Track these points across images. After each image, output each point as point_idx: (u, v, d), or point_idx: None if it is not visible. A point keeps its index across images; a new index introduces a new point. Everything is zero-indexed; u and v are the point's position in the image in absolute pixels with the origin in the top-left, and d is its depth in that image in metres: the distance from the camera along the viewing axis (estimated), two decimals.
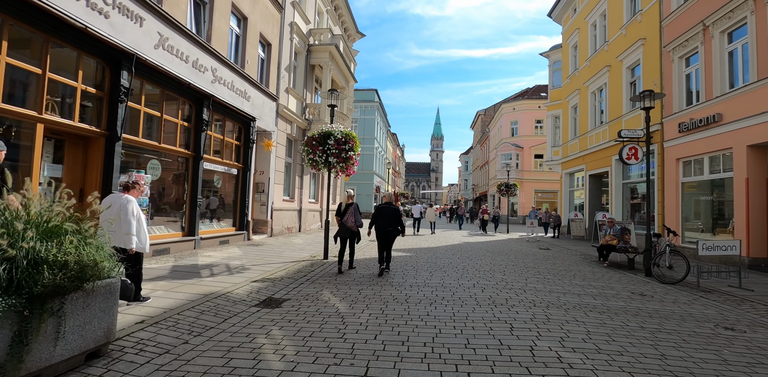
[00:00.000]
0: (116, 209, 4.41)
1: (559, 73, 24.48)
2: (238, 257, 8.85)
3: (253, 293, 5.71)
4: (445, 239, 17.13)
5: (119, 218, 4.38)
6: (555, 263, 10.10)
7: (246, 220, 12.43)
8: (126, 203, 4.51)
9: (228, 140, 11.81)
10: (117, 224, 4.33)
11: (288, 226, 15.99)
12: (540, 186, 38.06)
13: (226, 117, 11.51)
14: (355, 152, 9.26)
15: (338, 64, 19.43)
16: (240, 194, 12.40)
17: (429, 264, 9.13)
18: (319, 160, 9.09)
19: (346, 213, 7.82)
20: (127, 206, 4.50)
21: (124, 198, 4.54)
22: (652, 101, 8.99)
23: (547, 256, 11.82)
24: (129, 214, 4.49)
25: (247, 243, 11.69)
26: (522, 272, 8.33)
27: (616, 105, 16.85)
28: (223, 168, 11.48)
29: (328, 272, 7.68)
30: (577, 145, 20.95)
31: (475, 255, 11.22)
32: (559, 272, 8.58)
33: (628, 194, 16.71)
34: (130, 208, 4.52)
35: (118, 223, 4.34)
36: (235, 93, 11.43)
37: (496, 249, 13.26)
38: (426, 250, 12.26)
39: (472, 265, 9.21)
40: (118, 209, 4.42)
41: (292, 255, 9.73)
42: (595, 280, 7.84)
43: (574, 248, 14.88)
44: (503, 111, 41.53)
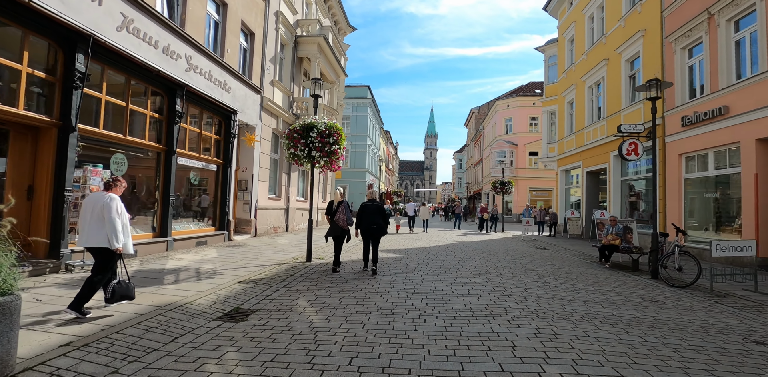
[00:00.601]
0: (99, 207, 4.29)
1: (555, 69, 23.91)
2: (213, 260, 8.13)
3: (218, 303, 5.02)
4: (438, 238, 16.50)
5: (102, 216, 4.25)
6: (554, 265, 9.49)
7: (227, 219, 11.70)
8: (109, 201, 4.33)
9: (206, 133, 11.06)
10: (99, 223, 4.25)
11: (274, 225, 15.26)
12: (535, 184, 37.60)
13: (203, 109, 10.76)
14: (341, 146, 8.57)
15: (327, 57, 18.70)
16: (220, 192, 11.66)
17: (420, 267, 8.48)
18: (301, 154, 8.40)
19: (337, 212, 7.66)
20: (110, 204, 4.32)
21: (107, 196, 4.37)
22: (658, 90, 8.38)
23: (545, 256, 11.22)
24: (113, 212, 4.29)
25: (226, 244, 10.96)
26: (520, 276, 7.70)
27: (614, 99, 16.29)
28: (201, 164, 10.73)
29: (310, 276, 6.99)
30: (573, 141, 20.39)
31: (469, 256, 10.59)
32: (560, 275, 7.96)
33: (627, 191, 16.18)
34: (114, 206, 4.34)
35: (100, 222, 4.25)
36: (214, 84, 10.68)
37: (492, 249, 12.64)
38: (418, 250, 11.60)
39: (466, 267, 8.57)
40: (101, 208, 4.28)
41: (272, 257, 9.03)
42: (599, 284, 7.22)
43: (572, 247, 14.31)
44: (497, 108, 40.98)
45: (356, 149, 42.09)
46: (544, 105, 24.52)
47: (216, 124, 11.62)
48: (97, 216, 4.26)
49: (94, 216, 4.26)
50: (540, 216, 19.23)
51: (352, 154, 42.11)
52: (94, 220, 4.26)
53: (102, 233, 4.22)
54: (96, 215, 4.26)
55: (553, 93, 23.51)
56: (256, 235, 13.55)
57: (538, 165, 38.29)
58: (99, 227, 4.24)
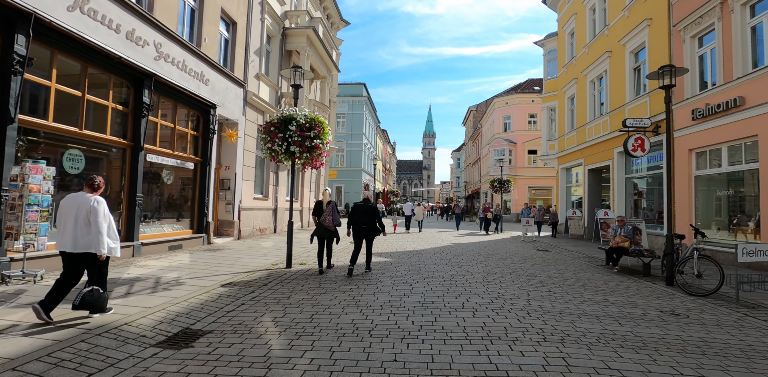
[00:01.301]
0: (85, 211, 4.11)
1: (555, 63, 23.15)
2: (181, 267, 7.33)
3: (164, 322, 4.22)
4: (433, 239, 15.72)
5: (87, 220, 4.11)
6: (558, 269, 8.71)
7: (205, 221, 10.89)
8: (96, 204, 4.17)
9: (181, 129, 10.25)
10: (86, 228, 4.10)
11: (261, 227, 14.46)
12: (534, 183, 36.87)
13: (177, 102, 9.95)
14: (323, 141, 7.77)
15: (318, 51, 17.89)
16: (198, 192, 10.85)
17: (411, 273, 7.68)
18: (279, 150, 7.60)
19: (324, 212, 7.50)
20: (98, 208, 4.16)
21: (92, 199, 4.19)
22: (672, 77, 7.60)
23: (547, 260, 10.45)
24: (100, 216, 4.15)
25: (204, 248, 10.16)
26: (522, 284, 6.91)
27: (618, 93, 15.52)
28: (175, 161, 9.92)
29: (285, 286, 6.20)
30: (574, 138, 19.63)
31: (465, 260, 9.80)
32: (566, 282, 7.19)
33: (632, 189, 15.42)
34: (102, 210, 4.19)
35: (87, 227, 4.10)
36: (189, 75, 9.87)
37: (490, 252, 11.86)
38: (410, 254, 10.81)
39: (461, 273, 7.78)
40: (87, 212, 4.12)
41: (250, 263, 8.23)
42: (610, 293, 6.45)
43: (574, 249, 13.55)
44: (496, 106, 40.22)
45: (352, 147, 41.29)
46: (543, 101, 23.75)
47: (193, 119, 10.81)
48: (83, 220, 4.10)
49: (79, 221, 4.09)
50: (539, 216, 18.39)
51: (348, 153, 41.31)
52: (80, 225, 4.10)
53: (88, 238, 4.09)
54: (82, 220, 4.10)
55: (553, 88, 22.75)
56: (240, 237, 12.75)
57: (537, 164, 37.56)
58: (85, 233, 4.09)
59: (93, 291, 4.08)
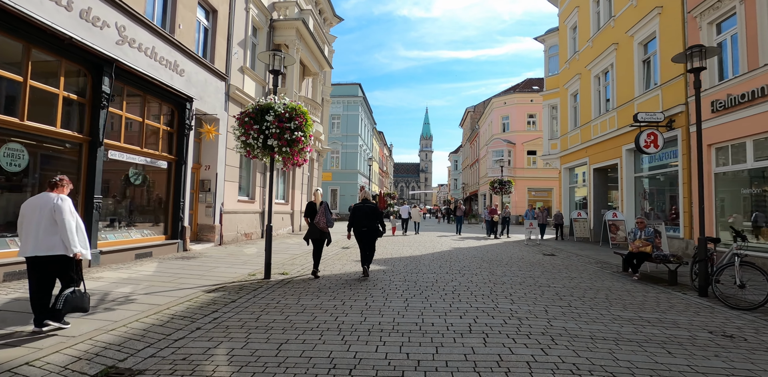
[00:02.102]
0: (48, 211, 3.85)
1: (556, 59, 22.31)
2: (140, 280, 6.33)
3: (83, 360, 3.23)
4: (432, 244, 14.74)
5: (53, 220, 3.85)
6: (572, 278, 7.75)
7: (181, 226, 9.89)
8: (60, 202, 3.92)
9: (152, 124, 9.26)
10: (51, 227, 3.84)
11: (246, 232, 13.45)
12: (533, 184, 36.00)
13: (147, 94, 8.97)
14: (305, 134, 6.81)
15: (308, 45, 16.97)
16: (172, 194, 9.85)
17: (407, 284, 6.70)
18: (255, 144, 6.63)
19: (317, 214, 7.23)
20: (62, 205, 3.91)
21: (56, 197, 3.95)
22: (703, 59, 6.68)
23: (557, 266, 9.49)
24: (66, 213, 3.90)
25: (177, 256, 9.15)
26: (536, 297, 5.94)
27: (625, 88, 14.65)
28: (144, 160, 8.93)
29: (257, 303, 5.21)
30: (578, 136, 18.75)
31: (468, 267, 8.83)
32: (585, 294, 6.22)
33: (642, 189, 14.51)
34: (67, 207, 3.94)
35: (52, 227, 3.85)
36: (160, 63, 8.90)
37: (493, 257, 10.89)
38: (407, 260, 9.83)
39: (465, 284, 6.81)
40: (51, 211, 3.86)
41: (225, 273, 7.24)
42: (640, 307, 5.49)
43: (582, 252, 12.60)
44: (494, 106, 39.39)
45: (347, 149, 40.36)
46: (544, 98, 22.89)
47: (166, 113, 9.83)
48: (47, 221, 3.83)
49: (43, 221, 3.82)
50: (542, 218, 17.41)
51: (343, 155, 40.37)
52: (44, 225, 3.82)
53: (55, 238, 3.83)
54: (46, 220, 3.83)
55: (555, 85, 21.89)
56: (222, 243, 11.74)
57: (537, 164, 36.73)
58: (51, 233, 3.83)
59: (75, 292, 3.92)
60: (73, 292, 3.92)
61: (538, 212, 17.45)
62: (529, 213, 16.68)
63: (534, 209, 19.19)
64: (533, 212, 17.14)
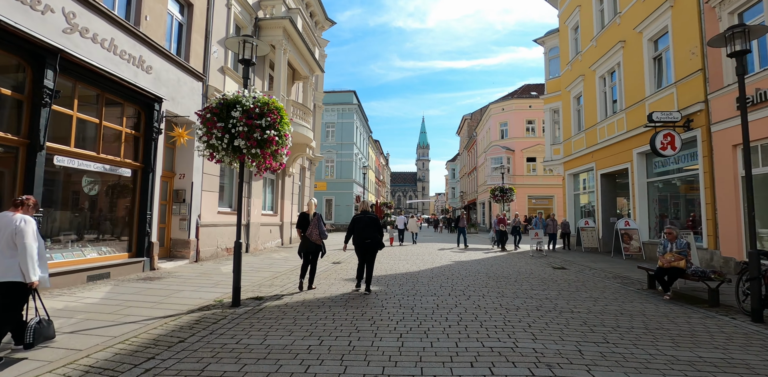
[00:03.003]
0: (9, 233, 3.58)
1: (557, 62, 21.50)
2: (77, 311, 5.19)
3: None
4: (430, 257, 13.61)
5: (13, 244, 3.58)
6: (595, 299, 6.64)
7: (148, 242, 8.75)
8: (23, 224, 3.63)
9: (112, 126, 8.19)
10: (10, 251, 3.58)
11: (228, 246, 12.30)
12: (533, 192, 35.01)
13: (106, 93, 7.91)
14: (280, 133, 5.75)
15: (297, 46, 16.03)
16: (138, 206, 8.74)
17: (402, 312, 5.59)
18: (218, 144, 5.56)
19: (309, 225, 6.94)
20: (25, 228, 3.63)
21: (18, 219, 3.65)
22: (746, 41, 5.69)
23: (571, 281, 8.39)
24: (29, 238, 3.62)
25: (141, 277, 7.99)
26: (562, 329, 4.83)
27: (635, 87, 13.73)
28: (102, 167, 7.83)
29: (211, 343, 4.08)
30: (583, 140, 17.80)
31: (473, 286, 7.71)
32: (619, 322, 5.12)
33: (656, 194, 13.49)
34: (30, 230, 3.67)
35: (11, 250, 3.58)
36: (120, 58, 7.88)
37: (499, 272, 9.78)
38: (403, 278, 8.71)
39: (472, 310, 5.69)
40: (12, 233, 3.58)
41: (187, 299, 6.10)
42: (692, 341, 4.39)
43: (595, 265, 11.51)
44: (492, 112, 38.60)
45: (342, 158, 39.34)
46: (545, 102, 22.01)
47: (131, 114, 8.77)
48: (5, 243, 3.58)
49: (1, 243, 3.57)
50: (552, 227, 16.23)
51: (338, 164, 39.34)
52: (1, 248, 3.56)
53: (13, 263, 3.56)
54: (4, 242, 3.57)
55: (556, 88, 21.03)
56: (198, 259, 10.58)
57: (537, 171, 35.80)
58: (9, 257, 3.57)
59: (41, 321, 3.76)
60: (40, 322, 3.74)
61: (549, 221, 16.18)
62: (538, 222, 15.54)
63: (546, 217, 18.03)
64: (544, 222, 15.99)
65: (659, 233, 13.15)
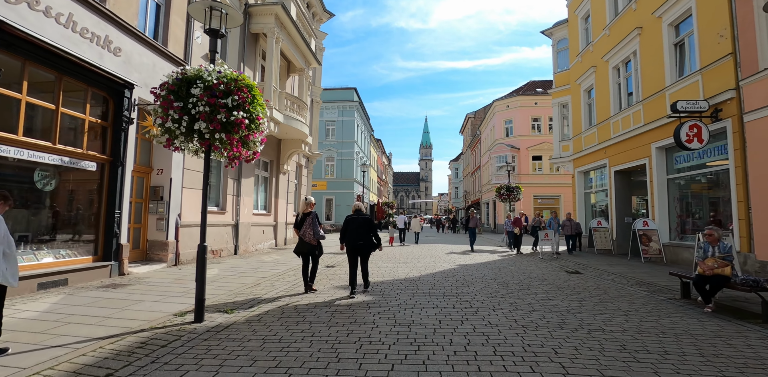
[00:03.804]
0: None
1: (566, 54, 20.47)
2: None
3: None
4: (433, 260, 12.63)
5: None
6: (626, 312, 5.66)
7: (116, 244, 7.83)
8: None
9: (71, 113, 7.26)
10: None
11: (214, 248, 11.38)
12: (539, 191, 33.94)
13: (63, 75, 6.99)
14: (251, 115, 4.81)
15: (290, 35, 15.10)
16: (105, 203, 7.82)
17: (396, 331, 4.63)
18: (175, 128, 4.61)
19: (303, 224, 6.74)
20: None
21: None
22: None
23: (591, 290, 7.41)
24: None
25: (106, 283, 7.06)
26: (597, 355, 3.86)
27: (653, 77, 12.71)
28: (59, 159, 6.92)
29: (148, 374, 3.15)
30: (594, 135, 16.78)
31: (481, 296, 6.74)
32: (666, 347, 4.15)
33: (676, 192, 12.47)
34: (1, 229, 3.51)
35: None
36: (82, 36, 6.96)
37: (509, 278, 8.80)
38: (401, 285, 7.75)
39: (481, 329, 4.72)
40: None
41: (144, 312, 5.17)
42: (766, 373, 3.42)
43: (613, 269, 10.51)
44: (496, 109, 37.57)
45: (343, 157, 38.41)
46: (554, 96, 20.98)
47: (96, 102, 7.85)
48: None
49: None
50: (570, 228, 15.10)
51: (338, 162, 38.41)
52: None
53: None
54: None
55: (565, 82, 20.00)
56: (178, 263, 9.66)
57: (543, 170, 34.75)
58: None
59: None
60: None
61: (566, 221, 14.95)
62: (553, 222, 14.42)
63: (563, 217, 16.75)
64: (560, 221, 14.86)
65: (680, 235, 12.15)
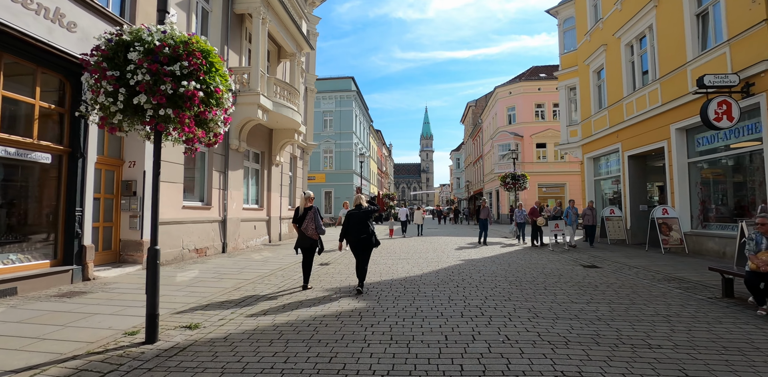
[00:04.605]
0: None
1: (572, 34, 19.35)
2: None
3: None
4: (436, 255, 11.74)
5: None
6: (664, 316, 4.76)
7: (78, 245, 6.95)
8: None
9: (17, 98, 6.30)
10: None
11: (198, 246, 10.51)
12: (544, 179, 32.94)
13: (4, 53, 6.04)
14: (210, 87, 3.86)
15: (279, 16, 14.06)
16: (64, 200, 6.92)
17: (393, 351, 3.74)
18: (109, 103, 3.67)
19: (305, 219, 6.56)
20: None
21: None
22: None
23: (615, 288, 6.51)
24: None
25: (62, 290, 6.19)
26: None
27: (672, 52, 11.66)
28: (2, 150, 6.00)
29: None
30: (605, 119, 15.77)
31: (492, 299, 5.85)
32: (732, 366, 3.26)
33: (698, 177, 11.51)
34: None
35: None
36: (25, 8, 5.99)
37: (521, 275, 7.91)
38: (401, 286, 6.87)
39: (498, 347, 3.83)
40: None
41: (90, 329, 4.30)
42: None
43: (632, 262, 9.62)
44: (498, 96, 36.42)
45: (341, 148, 37.43)
46: (560, 79, 19.90)
47: (50, 85, 6.90)
48: None
49: None
50: (591, 218, 13.86)
51: (337, 154, 37.44)
52: None
53: None
54: None
55: (572, 63, 18.92)
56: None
57: (548, 158, 33.74)
58: None
59: None
60: None
61: (587, 210, 13.67)
62: (571, 212, 13.31)
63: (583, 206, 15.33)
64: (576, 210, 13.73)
65: (703, 223, 11.22)
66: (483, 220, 15.01)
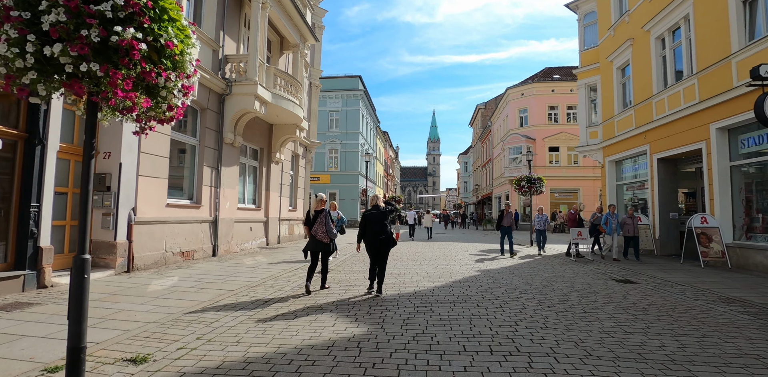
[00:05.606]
0: None
1: (593, 29, 18.22)
2: None
3: None
4: (448, 263, 10.63)
5: None
6: (749, 354, 3.64)
7: (33, 247, 5.93)
8: None
9: None
10: None
11: (184, 249, 9.48)
12: (556, 184, 31.68)
13: None
14: (159, 39, 2.80)
15: (281, 3, 13.09)
16: (17, 195, 5.92)
17: None
18: (13, 54, 2.62)
19: (316, 222, 6.42)
20: None
21: None
22: None
23: (668, 311, 5.37)
24: None
25: (8, 300, 5.16)
26: None
27: (712, 43, 10.53)
28: None
29: None
30: (630, 118, 14.61)
31: (523, 325, 4.74)
32: None
33: (741, 182, 10.32)
34: None
35: None
36: None
37: (550, 292, 6.78)
38: (409, 304, 5.77)
39: None
40: None
41: (0, 361, 3.24)
42: None
43: (670, 277, 8.46)
44: (510, 98, 35.29)
45: (347, 148, 36.43)
46: (580, 77, 18.75)
47: None
48: None
49: None
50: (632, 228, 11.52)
51: (342, 154, 36.43)
52: None
53: None
54: None
55: (593, 60, 17.77)
56: (132, 269, 7.75)
57: (561, 162, 32.52)
58: None
59: None
60: None
61: (627, 219, 11.59)
62: (611, 219, 11.46)
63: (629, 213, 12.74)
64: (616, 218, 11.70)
65: (748, 234, 10.02)
66: (507, 228, 12.53)
